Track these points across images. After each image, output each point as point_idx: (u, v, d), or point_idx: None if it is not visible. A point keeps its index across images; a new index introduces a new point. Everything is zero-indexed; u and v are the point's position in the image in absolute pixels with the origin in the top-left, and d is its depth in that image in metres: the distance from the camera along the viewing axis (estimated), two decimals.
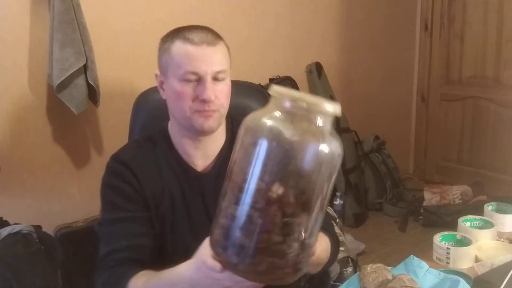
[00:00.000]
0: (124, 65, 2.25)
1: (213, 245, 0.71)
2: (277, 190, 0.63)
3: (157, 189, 1.03)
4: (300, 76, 3.04)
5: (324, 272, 1.72)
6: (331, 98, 3.11)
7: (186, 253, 0.84)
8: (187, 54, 0.96)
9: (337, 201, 2.93)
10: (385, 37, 3.53)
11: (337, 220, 2.06)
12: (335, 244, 1.08)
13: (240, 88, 1.20)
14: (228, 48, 1.05)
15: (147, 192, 1.02)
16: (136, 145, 1.08)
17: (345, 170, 3.06)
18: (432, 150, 3.84)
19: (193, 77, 0.96)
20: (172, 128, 1.07)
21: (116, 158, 1.05)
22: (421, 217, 3.00)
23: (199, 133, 1.02)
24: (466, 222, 1.30)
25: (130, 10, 2.28)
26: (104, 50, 2.17)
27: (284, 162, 0.64)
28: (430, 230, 2.72)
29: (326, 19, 3.16)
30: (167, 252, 1.01)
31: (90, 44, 2.03)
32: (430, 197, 2.98)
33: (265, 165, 0.64)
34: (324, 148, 0.65)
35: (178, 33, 1.00)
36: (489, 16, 3.29)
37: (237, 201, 0.66)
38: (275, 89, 0.69)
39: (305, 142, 0.65)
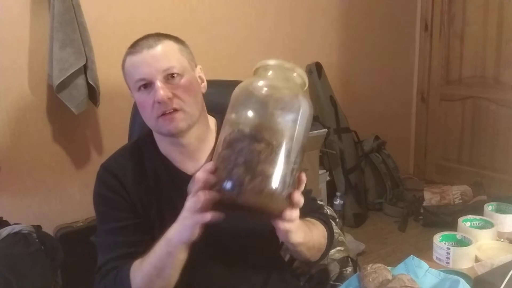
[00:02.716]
0: None
1: None
2: (258, 128, 0.77)
3: (145, 198, 1.02)
4: None
5: (324, 272, 1.72)
6: (331, 98, 3.11)
7: None
8: (132, 64, 0.98)
9: (337, 201, 2.94)
10: (385, 37, 3.53)
11: (337, 220, 2.05)
12: (331, 234, 1.11)
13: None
14: (181, 44, 1.03)
15: (136, 200, 1.02)
16: (125, 152, 1.08)
17: (345, 170, 3.07)
18: (432, 150, 3.85)
19: (144, 83, 0.97)
20: (155, 136, 1.07)
21: (105, 167, 1.05)
22: (421, 217, 3.00)
23: (172, 137, 1.01)
24: (466, 222, 1.30)
25: (130, 10, 2.28)
26: (104, 50, 2.17)
27: (270, 110, 0.79)
28: (430, 230, 2.72)
29: (326, 19, 3.17)
30: None
31: (90, 44, 2.03)
32: (430, 197, 2.98)
33: (256, 114, 0.79)
34: (302, 100, 0.81)
35: (128, 49, 1.02)
36: (489, 16, 3.29)
37: (224, 144, 0.78)
38: (260, 62, 0.86)
39: (289, 94, 0.82)
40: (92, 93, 2.07)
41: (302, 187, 0.81)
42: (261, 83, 0.84)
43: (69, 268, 1.93)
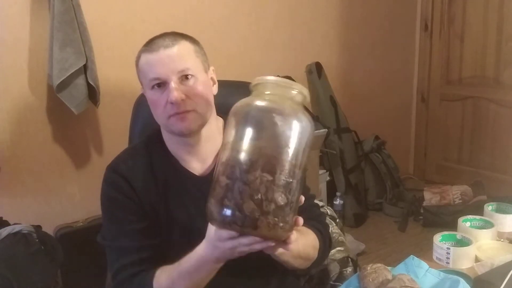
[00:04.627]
0: (124, 65, 2.24)
1: (208, 213, 0.79)
2: (261, 155, 0.75)
3: (154, 199, 1.03)
4: (300, 76, 3.04)
5: (324, 272, 1.72)
6: (331, 98, 3.11)
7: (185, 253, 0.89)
8: (148, 62, 0.99)
9: (337, 201, 2.94)
10: (385, 37, 3.53)
11: (337, 220, 2.05)
12: (325, 244, 1.10)
13: (238, 88, 1.19)
14: (196, 45, 1.04)
15: (146, 202, 1.02)
16: (134, 152, 1.08)
17: (345, 170, 3.07)
18: (432, 150, 3.85)
19: (158, 83, 0.97)
20: (164, 134, 1.07)
21: (114, 168, 1.05)
22: (421, 217, 3.00)
23: (182, 137, 1.02)
24: (466, 222, 1.30)
25: (130, 10, 2.28)
26: (104, 50, 2.17)
27: (271, 134, 0.77)
28: (430, 230, 2.73)
29: (326, 19, 3.17)
30: (172, 257, 1.00)
31: (90, 44, 2.03)
32: (430, 197, 2.98)
33: (252, 135, 0.77)
34: (303, 120, 0.79)
35: (143, 47, 1.02)
36: (489, 16, 3.29)
37: (226, 168, 0.77)
38: (258, 78, 0.84)
39: (290, 116, 0.78)
40: (92, 93, 2.06)
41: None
42: (260, 103, 0.80)
43: (69, 268, 1.93)
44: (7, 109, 2.02)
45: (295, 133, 0.77)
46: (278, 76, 0.84)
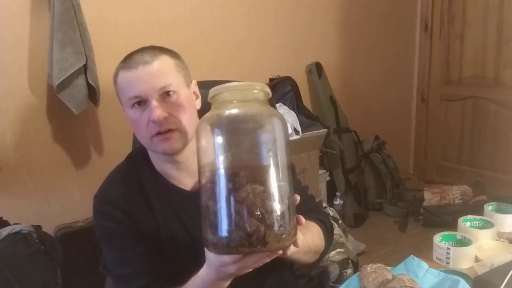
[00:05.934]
0: None
1: (206, 242, 0.75)
2: (244, 167, 0.71)
3: (152, 222, 0.99)
4: (300, 76, 3.04)
5: (323, 273, 1.72)
6: (331, 98, 3.11)
7: (192, 272, 0.89)
8: (127, 80, 0.95)
9: (337, 201, 2.94)
10: (385, 37, 3.54)
11: (340, 222, 2.05)
12: (328, 232, 1.11)
13: None
14: (177, 58, 1.00)
15: (142, 225, 0.99)
16: (120, 177, 1.03)
17: (345, 170, 3.07)
18: (432, 150, 3.85)
19: (138, 101, 0.94)
20: (150, 153, 1.03)
21: (103, 198, 1.01)
22: (421, 217, 3.00)
23: (167, 156, 0.98)
24: (466, 222, 1.30)
25: (130, 10, 2.28)
26: (104, 50, 2.17)
27: (247, 141, 0.74)
28: (430, 230, 2.73)
29: (326, 19, 3.17)
30: (180, 275, 0.98)
31: (90, 44, 2.03)
32: (430, 197, 2.98)
33: (228, 149, 0.72)
34: (274, 120, 0.75)
35: (121, 63, 0.99)
36: (489, 16, 3.29)
37: (212, 192, 0.72)
38: (215, 89, 0.78)
39: (262, 117, 0.75)
40: (92, 93, 2.07)
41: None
42: (230, 113, 0.75)
43: (69, 268, 1.93)
44: (7, 109, 2.02)
45: (273, 133, 0.74)
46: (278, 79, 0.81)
